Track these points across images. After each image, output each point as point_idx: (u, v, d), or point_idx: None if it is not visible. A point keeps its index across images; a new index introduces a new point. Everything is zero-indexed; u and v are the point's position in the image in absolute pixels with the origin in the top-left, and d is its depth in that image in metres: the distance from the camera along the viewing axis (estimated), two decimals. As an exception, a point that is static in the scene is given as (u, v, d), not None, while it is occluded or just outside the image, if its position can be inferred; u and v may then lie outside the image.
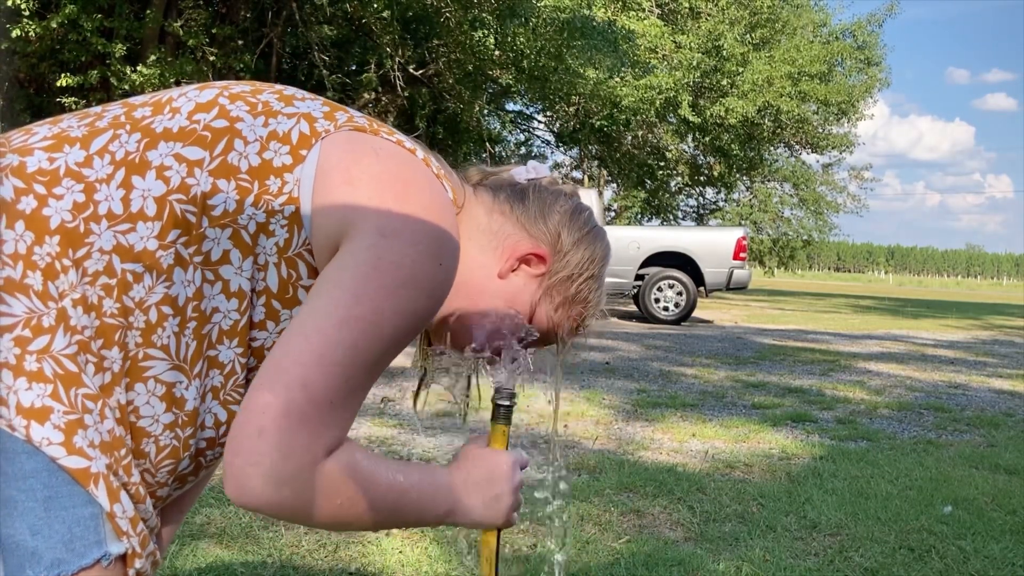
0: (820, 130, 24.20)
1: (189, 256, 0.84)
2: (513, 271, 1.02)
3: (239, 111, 0.89)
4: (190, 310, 0.85)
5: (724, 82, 19.32)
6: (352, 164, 0.87)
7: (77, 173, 0.83)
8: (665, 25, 18.22)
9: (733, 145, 21.49)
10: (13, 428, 0.76)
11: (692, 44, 18.34)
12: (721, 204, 28.12)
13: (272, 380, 0.79)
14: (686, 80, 17.94)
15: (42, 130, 0.88)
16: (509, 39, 11.92)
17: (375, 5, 10.35)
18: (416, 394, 1.15)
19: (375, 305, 0.81)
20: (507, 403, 1.05)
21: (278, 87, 0.95)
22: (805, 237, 28.53)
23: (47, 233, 0.80)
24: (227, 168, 0.85)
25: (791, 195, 28.28)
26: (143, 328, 0.83)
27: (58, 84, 9.41)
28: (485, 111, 16.20)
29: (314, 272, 0.88)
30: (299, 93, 0.94)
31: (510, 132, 21.16)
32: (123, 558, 0.81)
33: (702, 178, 25.01)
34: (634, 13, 14.79)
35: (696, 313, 12.31)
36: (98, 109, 0.92)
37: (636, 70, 15.42)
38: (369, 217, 0.84)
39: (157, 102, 0.91)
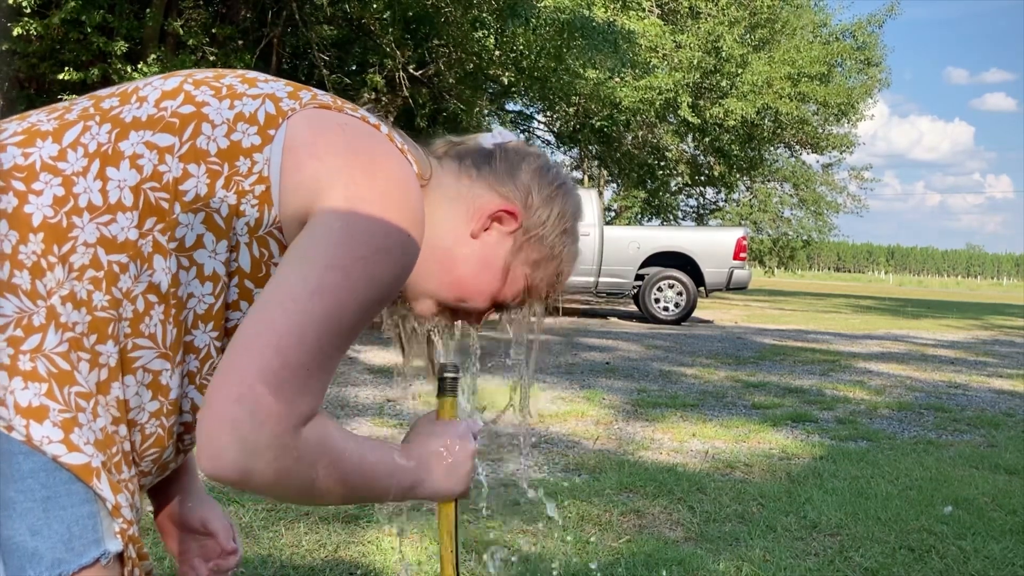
0: (820, 130, 24.18)
1: (165, 243, 0.84)
2: (485, 230, 1.02)
3: (204, 96, 0.89)
4: (171, 297, 0.85)
5: (724, 83, 19.31)
6: (318, 139, 0.87)
7: (53, 167, 0.83)
8: (665, 25, 18.21)
9: (733, 145, 21.48)
10: (12, 428, 0.76)
11: (692, 44, 18.33)
12: (721, 204, 28.09)
13: (248, 347, 0.78)
14: (686, 81, 17.93)
15: (11, 126, 0.87)
16: (509, 39, 11.92)
17: (375, 5, 10.35)
18: (403, 353, 1.15)
19: (347, 273, 0.82)
20: (452, 375, 1.06)
21: (240, 71, 0.95)
22: (805, 237, 28.50)
23: (31, 231, 0.80)
24: (197, 152, 0.86)
25: (791, 195, 28.25)
26: (131, 318, 0.84)
27: (60, 78, 9.40)
28: (486, 111, 16.19)
29: (285, 250, 0.88)
30: (261, 76, 0.95)
31: (510, 132, 21.14)
32: (120, 556, 0.81)
33: (702, 178, 25.00)
34: (634, 13, 14.77)
35: (696, 313, 12.32)
36: (66, 103, 0.92)
37: (636, 70, 15.41)
38: (337, 188, 0.85)
39: (124, 92, 0.91)
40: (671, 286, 11.21)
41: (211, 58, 10.38)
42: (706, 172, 24.36)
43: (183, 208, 0.85)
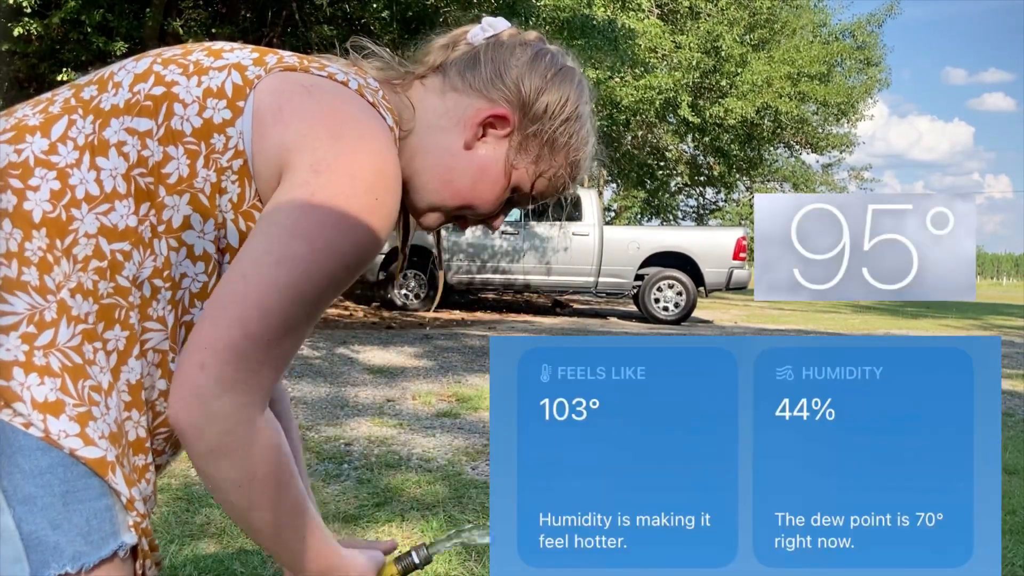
0: (820, 130, 24.23)
1: (155, 225, 0.85)
2: (479, 139, 0.99)
3: (173, 75, 0.89)
4: (167, 279, 0.86)
5: (723, 83, 19.33)
6: (283, 104, 0.87)
7: (46, 161, 0.84)
8: (665, 25, 18.23)
9: (733, 145, 21.51)
10: (31, 424, 0.77)
11: (692, 44, 18.34)
12: (721, 204, 28.17)
13: (214, 317, 0.81)
14: (685, 80, 17.95)
15: None
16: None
17: (375, 5, 10.35)
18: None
19: (311, 242, 0.82)
20: (417, 563, 1.06)
21: (207, 43, 0.95)
22: (805, 237, 28.53)
23: (33, 227, 0.81)
24: (173, 134, 0.86)
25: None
26: (139, 304, 0.85)
27: (59, 78, 9.42)
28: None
29: None
30: (227, 45, 0.94)
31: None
32: (134, 549, 0.83)
33: (702, 178, 25.04)
34: (633, 13, 14.78)
35: (696, 313, 12.32)
36: (49, 95, 0.92)
37: (637, 70, 15.43)
38: (303, 154, 0.85)
39: (101, 79, 0.91)
40: (671, 286, 11.21)
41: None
42: (706, 172, 24.40)
43: (168, 191, 0.85)
